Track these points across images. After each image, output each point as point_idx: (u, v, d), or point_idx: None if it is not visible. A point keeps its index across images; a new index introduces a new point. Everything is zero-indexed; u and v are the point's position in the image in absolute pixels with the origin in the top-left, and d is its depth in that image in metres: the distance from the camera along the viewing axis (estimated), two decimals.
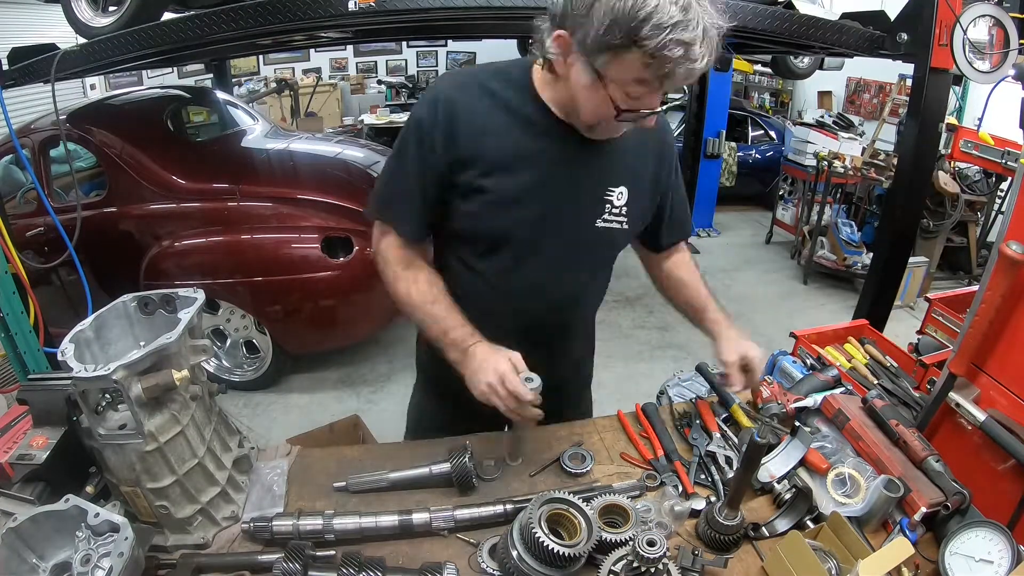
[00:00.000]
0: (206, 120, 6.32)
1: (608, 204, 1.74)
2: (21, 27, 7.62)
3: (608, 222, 1.75)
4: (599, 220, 1.74)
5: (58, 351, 1.38)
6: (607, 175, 1.73)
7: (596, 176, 1.72)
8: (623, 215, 1.77)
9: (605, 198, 1.73)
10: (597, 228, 1.75)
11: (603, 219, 1.75)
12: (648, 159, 1.81)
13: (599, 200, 1.73)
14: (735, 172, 9.81)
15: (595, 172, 1.71)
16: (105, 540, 1.29)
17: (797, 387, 2.07)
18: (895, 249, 3.82)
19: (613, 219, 1.76)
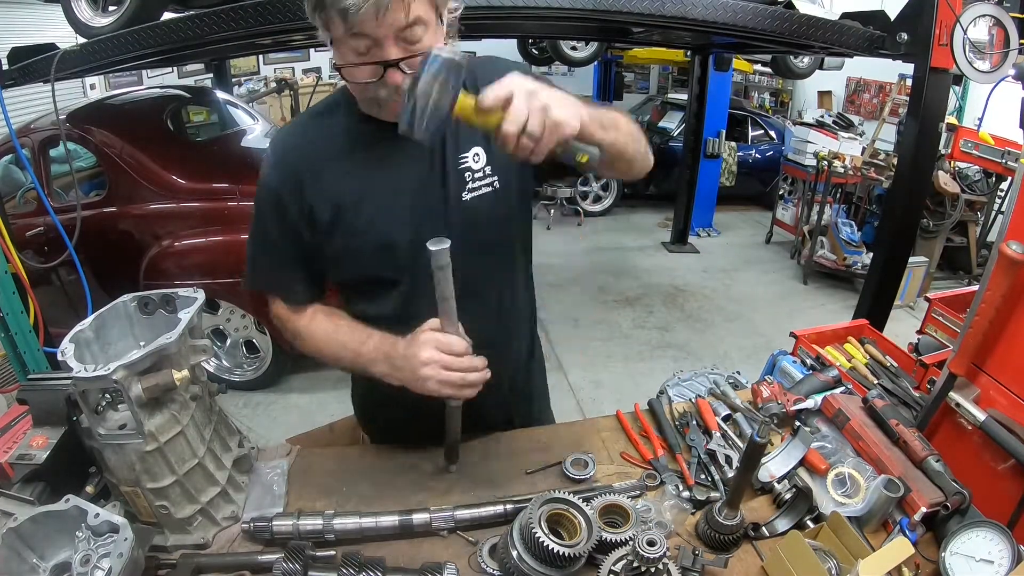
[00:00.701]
0: (206, 120, 6.33)
1: (467, 172, 1.62)
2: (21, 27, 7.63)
3: (476, 190, 1.63)
4: (465, 193, 1.62)
5: (58, 351, 1.38)
6: (453, 144, 1.60)
7: (440, 152, 1.59)
8: (489, 175, 1.63)
9: (460, 168, 1.61)
10: (466, 202, 1.62)
11: (468, 190, 1.62)
12: None
13: (456, 173, 1.61)
14: (735, 172, 9.83)
15: (437, 148, 1.59)
16: (105, 540, 1.29)
17: (797, 387, 2.07)
18: (895, 249, 3.83)
19: (480, 184, 1.63)
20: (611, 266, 8.05)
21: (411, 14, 1.32)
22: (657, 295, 7.31)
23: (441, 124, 1.28)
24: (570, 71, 13.88)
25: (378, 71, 1.39)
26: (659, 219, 10.01)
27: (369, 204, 1.60)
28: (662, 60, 13.57)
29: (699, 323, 6.69)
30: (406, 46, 1.36)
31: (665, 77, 15.87)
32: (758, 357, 3.48)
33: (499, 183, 1.65)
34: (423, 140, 1.28)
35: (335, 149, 1.60)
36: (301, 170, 1.58)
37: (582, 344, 6.14)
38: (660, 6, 3.15)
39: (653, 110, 11.69)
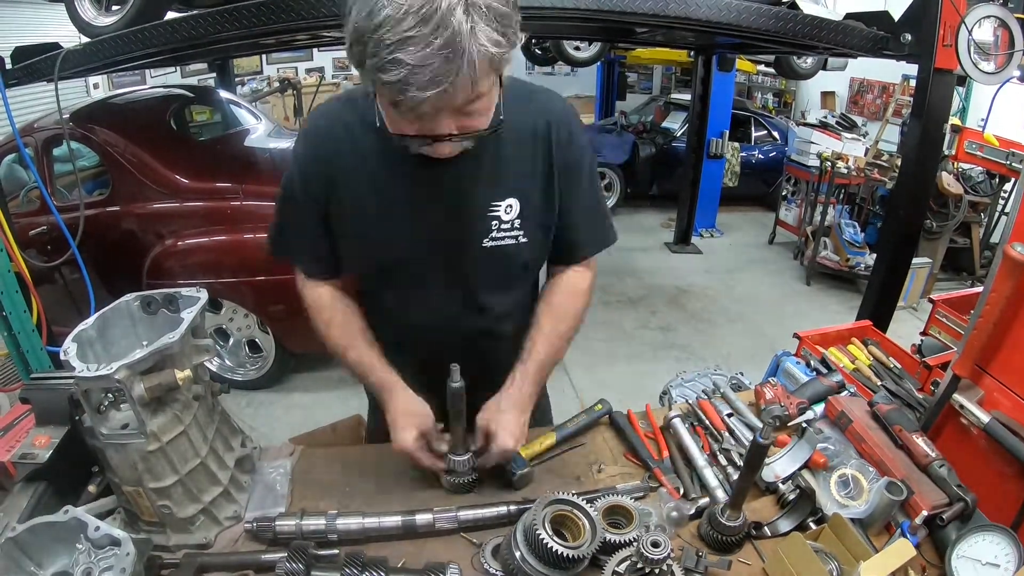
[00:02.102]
0: (209, 119, 6.33)
1: (495, 220, 1.59)
2: (24, 26, 7.64)
3: (498, 240, 1.61)
4: (486, 240, 1.60)
5: (61, 350, 1.37)
6: (489, 189, 1.57)
7: (472, 190, 1.56)
8: (517, 228, 1.61)
9: (491, 214, 1.59)
10: (486, 248, 1.61)
11: (491, 237, 1.60)
12: (538, 157, 1.61)
13: (483, 217, 1.59)
14: (738, 172, 9.82)
15: (469, 187, 1.56)
16: (106, 553, 1.29)
17: (800, 390, 2.07)
18: (898, 250, 3.82)
19: (505, 235, 1.61)
20: (614, 266, 8.03)
21: (474, 92, 1.22)
22: (660, 295, 7.31)
23: None
24: (573, 71, 13.89)
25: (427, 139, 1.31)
26: (662, 219, 9.99)
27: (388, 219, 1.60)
28: (665, 60, 13.55)
29: (702, 324, 6.68)
30: (460, 117, 1.27)
31: (668, 77, 15.86)
32: (761, 358, 3.47)
33: (525, 238, 1.64)
34: None
35: (368, 150, 1.54)
36: (333, 163, 1.58)
37: (585, 345, 6.12)
38: (664, 6, 3.14)
39: (656, 110, 11.69)
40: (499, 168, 1.56)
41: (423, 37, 1.08)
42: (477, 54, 1.12)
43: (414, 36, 1.07)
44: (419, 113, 1.19)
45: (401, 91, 1.13)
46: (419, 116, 1.21)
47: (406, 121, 1.26)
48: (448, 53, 1.10)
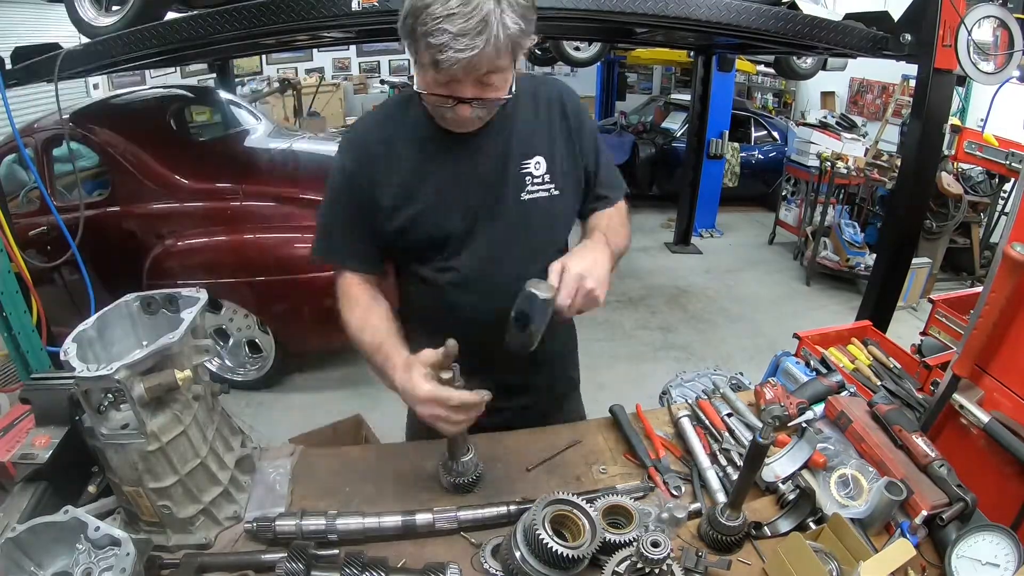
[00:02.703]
0: (209, 120, 6.32)
1: (528, 176, 1.80)
2: (24, 26, 7.64)
3: (534, 192, 1.81)
4: (523, 194, 1.80)
5: (61, 350, 1.38)
6: (517, 150, 1.79)
7: (503, 155, 1.78)
8: (548, 182, 1.82)
9: (522, 171, 1.80)
10: (524, 201, 1.80)
11: (527, 191, 1.80)
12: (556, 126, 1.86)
13: (517, 176, 1.79)
14: (738, 173, 9.82)
15: (500, 152, 1.78)
16: (106, 554, 1.29)
17: (800, 390, 2.07)
18: (898, 250, 3.82)
19: (538, 188, 1.82)
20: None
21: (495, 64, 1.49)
22: (660, 296, 7.30)
23: None
24: (573, 71, 13.87)
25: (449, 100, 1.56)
26: (662, 220, 9.99)
27: (430, 192, 1.77)
28: (665, 61, 13.55)
29: (702, 324, 6.68)
30: (481, 87, 1.54)
31: (668, 78, 15.85)
32: (761, 358, 3.48)
33: (556, 190, 1.84)
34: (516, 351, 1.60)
35: (407, 139, 1.77)
36: (376, 154, 1.77)
37: (585, 345, 6.04)
38: (664, 7, 3.14)
39: (656, 111, 11.68)
40: (523, 134, 1.80)
41: (463, 14, 1.39)
42: (502, 32, 1.43)
43: (456, 13, 1.38)
44: (451, 73, 1.47)
45: (442, 51, 1.41)
46: (451, 77, 1.49)
47: (438, 84, 1.53)
48: (480, 28, 1.40)
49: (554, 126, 1.85)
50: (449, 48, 1.40)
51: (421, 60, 1.50)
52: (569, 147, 1.87)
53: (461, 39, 1.40)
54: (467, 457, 1.70)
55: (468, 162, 1.76)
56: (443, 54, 1.42)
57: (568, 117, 1.88)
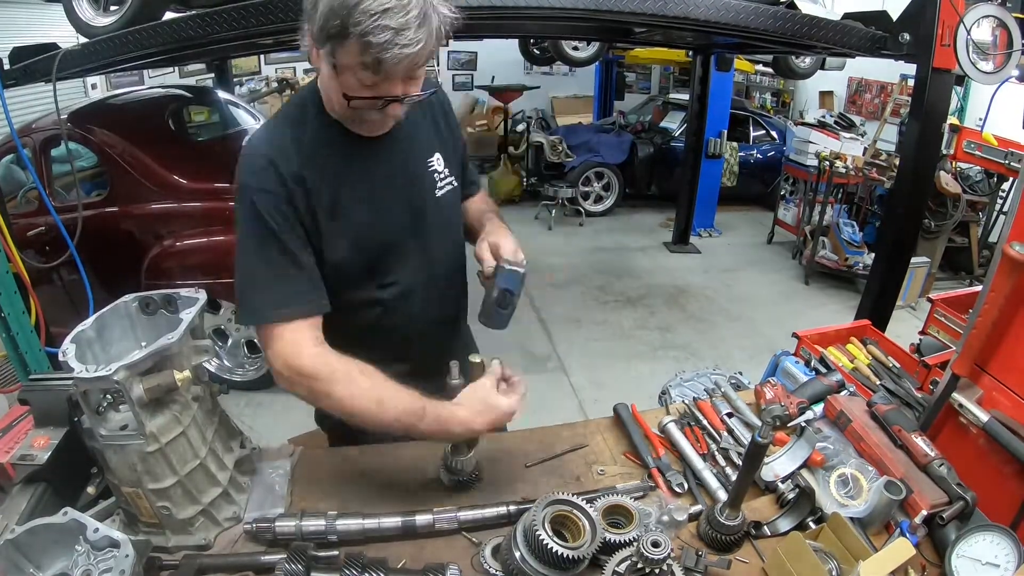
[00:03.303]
0: (207, 120, 6.32)
1: (436, 173, 1.83)
2: (22, 26, 7.63)
3: (443, 188, 1.85)
4: (437, 190, 1.84)
5: (59, 351, 1.37)
6: (419, 150, 1.81)
7: (413, 155, 1.80)
8: (449, 176, 1.87)
9: (430, 169, 1.82)
10: (439, 198, 1.84)
11: (438, 187, 1.84)
12: (440, 124, 1.90)
13: (428, 174, 1.82)
14: (736, 172, 9.83)
15: (410, 153, 1.79)
16: (104, 556, 1.29)
17: (800, 390, 2.07)
18: (897, 249, 3.82)
19: (444, 183, 1.86)
20: (613, 266, 8.04)
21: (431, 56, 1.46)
22: (659, 295, 7.31)
23: None
24: (571, 71, 13.90)
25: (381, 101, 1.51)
26: (661, 219, 10.00)
27: (367, 205, 1.70)
28: (664, 60, 13.54)
29: (701, 323, 6.69)
30: (409, 83, 1.50)
31: (667, 77, 15.83)
32: (760, 358, 3.48)
33: (455, 182, 1.90)
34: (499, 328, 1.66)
35: (323, 154, 1.64)
36: (300, 172, 1.59)
37: (584, 345, 6.14)
38: (662, 6, 3.14)
39: (655, 110, 11.69)
40: (418, 134, 1.81)
41: (401, 7, 1.33)
42: (439, 21, 1.40)
43: (393, 7, 1.32)
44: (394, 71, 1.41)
45: (386, 49, 1.35)
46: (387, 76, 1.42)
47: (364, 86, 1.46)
48: (420, 20, 1.35)
49: (438, 123, 1.89)
50: (394, 45, 1.35)
51: (347, 63, 1.43)
52: (453, 143, 1.93)
53: (405, 33, 1.34)
54: (467, 456, 1.71)
55: (386, 167, 1.74)
56: (387, 52, 1.35)
57: (446, 113, 1.93)
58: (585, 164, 9.96)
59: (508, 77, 12.26)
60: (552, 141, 10.00)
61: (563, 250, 8.68)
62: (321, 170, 1.62)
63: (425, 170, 1.81)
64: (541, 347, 6.02)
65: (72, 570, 1.28)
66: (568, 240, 9.15)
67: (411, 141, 1.78)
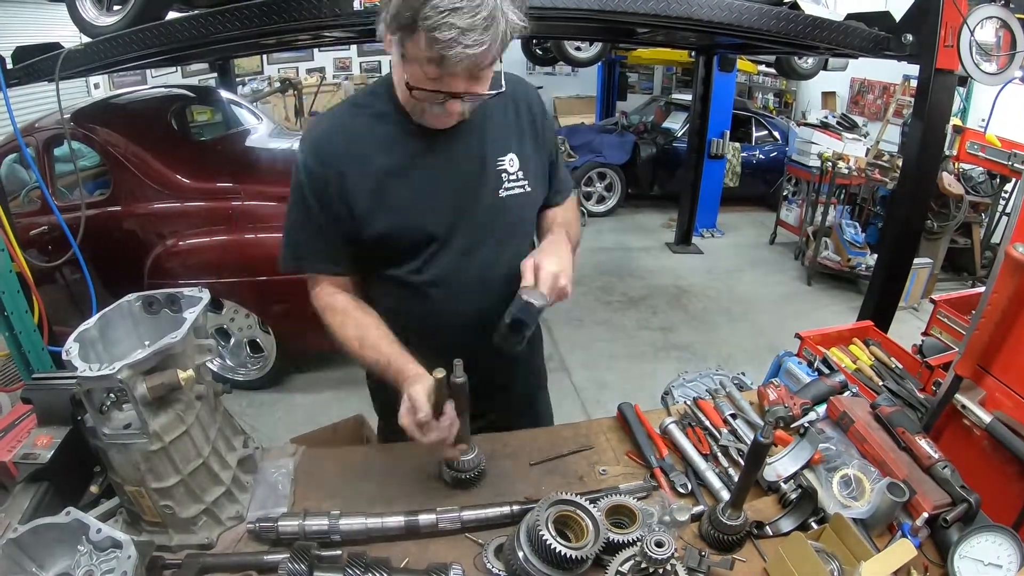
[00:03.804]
0: (210, 119, 6.33)
1: (504, 173, 1.81)
2: (25, 26, 7.64)
3: (511, 189, 1.82)
4: (502, 190, 1.81)
5: (63, 350, 1.37)
6: (491, 147, 1.80)
7: (480, 153, 1.78)
8: (522, 179, 1.83)
9: (498, 169, 1.80)
10: (502, 198, 1.81)
11: (504, 188, 1.81)
12: (525, 125, 1.88)
13: (494, 173, 1.80)
14: (739, 173, 9.83)
15: (477, 150, 1.78)
16: (107, 556, 1.29)
17: (804, 391, 2.06)
18: (899, 250, 3.82)
19: (514, 186, 1.82)
20: (615, 266, 8.05)
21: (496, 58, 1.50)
22: (661, 296, 7.31)
23: None
24: (574, 71, 13.89)
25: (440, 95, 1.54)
26: (663, 220, 10.00)
27: (406, 195, 1.73)
28: (666, 61, 13.56)
29: (703, 324, 6.68)
30: (474, 82, 1.53)
31: (669, 78, 15.85)
32: (762, 358, 3.48)
33: (529, 187, 1.85)
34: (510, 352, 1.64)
35: (377, 139, 1.72)
36: (343, 159, 1.70)
37: (586, 344, 6.14)
38: (665, 7, 3.14)
39: (657, 111, 11.68)
40: (494, 132, 1.81)
41: (471, 8, 1.35)
42: (507, 26, 1.41)
43: (462, 7, 1.35)
44: (455, 69, 1.44)
45: (450, 47, 1.37)
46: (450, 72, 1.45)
47: (429, 79, 1.48)
48: (488, 23, 1.37)
49: (523, 125, 1.87)
50: (457, 44, 1.37)
51: (414, 54, 1.46)
52: (536, 145, 1.89)
53: (470, 34, 1.36)
54: (470, 456, 1.71)
55: (446, 161, 1.75)
56: (451, 50, 1.38)
57: (535, 117, 1.90)
58: (588, 164, 9.96)
59: None
60: None
61: None
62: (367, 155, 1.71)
63: (491, 168, 1.80)
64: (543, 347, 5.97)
65: (74, 570, 1.28)
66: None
67: (482, 138, 1.78)
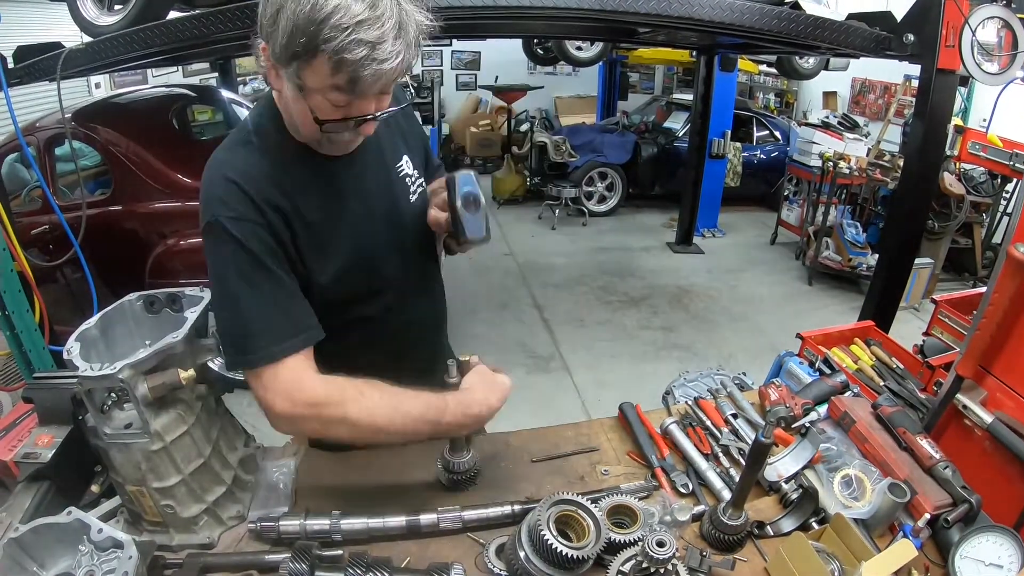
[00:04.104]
0: (211, 119, 6.33)
1: (407, 178, 1.75)
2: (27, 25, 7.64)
3: (415, 192, 1.76)
4: (411, 195, 1.75)
5: (64, 349, 1.38)
6: (388, 157, 1.72)
7: (384, 165, 1.70)
8: (418, 176, 1.79)
9: (401, 175, 1.74)
10: (413, 203, 1.75)
11: (412, 191, 1.75)
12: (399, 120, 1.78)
13: (399, 181, 1.73)
14: (740, 173, 9.83)
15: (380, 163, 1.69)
16: (108, 556, 1.29)
17: (805, 391, 2.06)
18: (901, 250, 3.82)
19: (416, 187, 1.77)
20: (616, 266, 8.05)
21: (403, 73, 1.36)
22: (662, 296, 7.31)
23: None
24: (575, 71, 13.86)
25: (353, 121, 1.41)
26: (664, 220, 10.00)
27: (346, 225, 1.59)
28: (667, 60, 13.53)
29: (704, 324, 6.69)
30: (381, 98, 1.40)
31: (670, 77, 15.81)
32: (763, 358, 3.48)
33: (424, 183, 1.82)
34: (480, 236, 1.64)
35: (291, 187, 1.49)
36: (271, 198, 1.45)
37: (587, 344, 6.14)
38: (667, 7, 3.14)
39: (658, 110, 11.68)
40: (385, 139, 1.70)
41: (375, 18, 1.22)
42: (416, 29, 1.30)
43: (367, 18, 1.21)
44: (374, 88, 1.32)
45: (363, 67, 1.24)
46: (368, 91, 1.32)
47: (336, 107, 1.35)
48: (397, 30, 1.25)
49: (402, 124, 1.80)
50: (371, 60, 1.24)
51: (316, 84, 1.30)
52: (420, 144, 1.87)
53: (382, 47, 1.23)
54: (467, 457, 1.72)
55: (360, 183, 1.62)
56: (366, 69, 1.25)
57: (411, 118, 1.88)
58: (589, 164, 9.96)
59: (512, 77, 12.28)
60: (556, 141, 9.99)
61: (566, 250, 8.67)
62: (292, 196, 1.48)
63: (396, 177, 1.72)
64: (544, 347, 6.01)
65: (75, 570, 1.29)
66: (571, 240, 9.15)
67: (379, 151, 1.68)
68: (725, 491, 1.71)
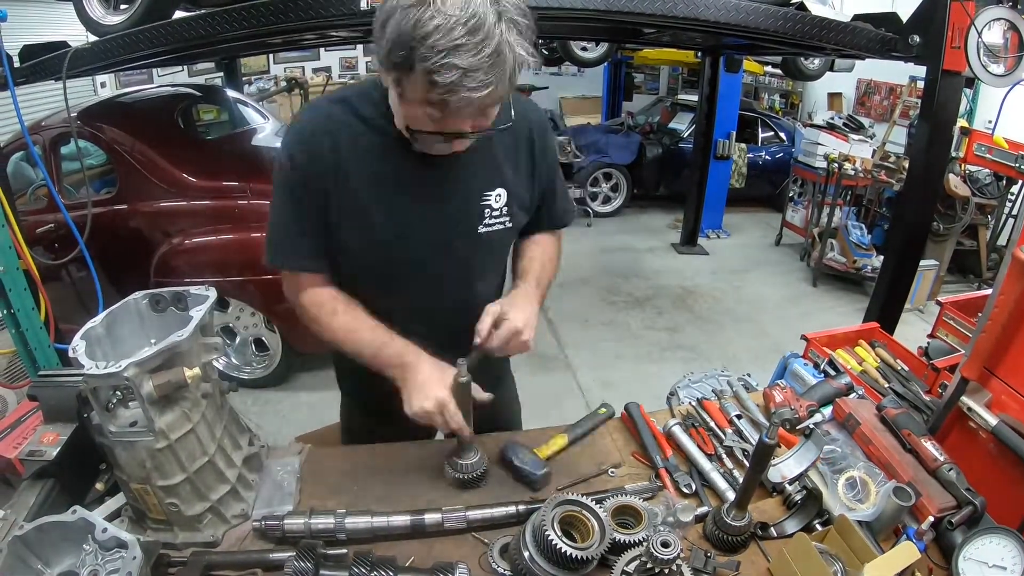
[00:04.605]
0: (216, 118, 6.33)
1: (487, 208, 1.72)
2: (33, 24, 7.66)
3: (490, 226, 1.74)
4: (481, 226, 1.73)
5: (69, 348, 1.38)
6: (480, 181, 1.70)
7: (467, 187, 1.69)
8: (504, 215, 1.75)
9: (483, 203, 1.71)
10: (480, 234, 1.73)
11: (485, 224, 1.73)
12: (522, 156, 1.77)
13: (477, 208, 1.71)
14: (745, 174, 9.80)
15: (465, 184, 1.68)
16: (112, 556, 1.29)
17: (810, 392, 2.06)
18: (906, 252, 3.81)
19: (495, 222, 1.74)
20: (621, 267, 8.05)
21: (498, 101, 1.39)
22: (666, 296, 7.30)
23: None
24: (580, 72, 13.89)
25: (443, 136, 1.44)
26: (669, 220, 10.00)
27: (384, 220, 1.64)
28: (672, 61, 13.55)
29: (708, 324, 6.68)
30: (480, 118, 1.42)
31: (675, 78, 15.84)
32: (768, 359, 3.48)
33: (510, 223, 1.77)
34: None
35: (362, 152, 1.60)
36: (326, 160, 1.58)
37: (591, 345, 6.13)
38: (672, 7, 3.14)
39: (663, 111, 11.67)
40: (489, 163, 1.70)
41: (473, 45, 1.22)
42: (515, 61, 1.29)
43: (464, 44, 1.22)
44: (462, 112, 1.34)
45: (453, 91, 1.26)
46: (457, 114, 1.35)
47: (432, 120, 1.38)
48: (493, 60, 1.25)
49: (520, 155, 1.77)
50: (461, 88, 1.25)
51: (413, 96, 1.35)
52: (529, 175, 1.80)
53: (474, 75, 1.24)
54: (474, 459, 1.72)
55: (430, 191, 1.65)
56: (455, 95, 1.27)
57: (534, 143, 1.78)
58: (593, 165, 9.95)
59: None
60: (560, 141, 9.97)
61: (571, 250, 8.57)
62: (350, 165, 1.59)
63: (475, 203, 1.70)
64: (549, 347, 6.01)
65: (79, 569, 1.29)
66: (576, 241, 9.13)
67: (473, 170, 1.67)
68: (729, 492, 1.71)
